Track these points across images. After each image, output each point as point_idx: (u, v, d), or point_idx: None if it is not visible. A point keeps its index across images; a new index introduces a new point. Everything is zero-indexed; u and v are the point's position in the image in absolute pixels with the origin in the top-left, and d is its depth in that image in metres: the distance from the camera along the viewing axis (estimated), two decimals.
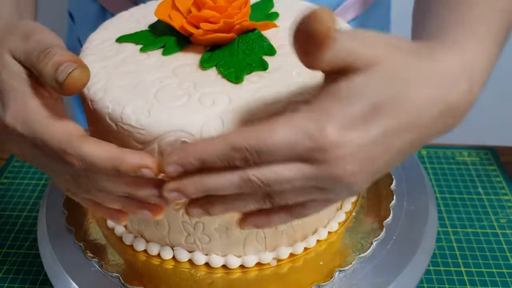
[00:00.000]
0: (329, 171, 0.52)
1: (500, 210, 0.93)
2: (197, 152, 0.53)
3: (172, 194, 0.55)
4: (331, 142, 0.51)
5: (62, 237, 0.75)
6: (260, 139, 0.51)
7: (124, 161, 0.55)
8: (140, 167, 0.55)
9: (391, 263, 0.70)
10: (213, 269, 0.69)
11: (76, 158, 0.56)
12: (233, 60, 0.66)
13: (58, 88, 0.56)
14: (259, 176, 0.53)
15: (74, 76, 0.55)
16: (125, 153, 0.55)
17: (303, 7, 0.77)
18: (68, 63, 0.56)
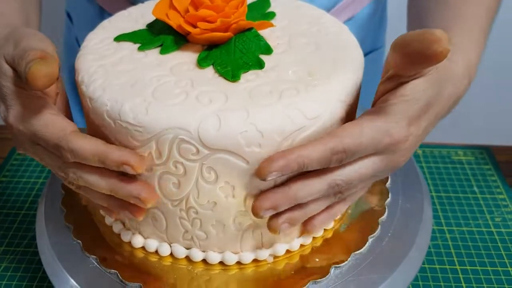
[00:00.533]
0: (395, 160, 0.65)
1: (495, 209, 0.93)
2: (300, 158, 0.59)
3: (268, 212, 0.62)
4: (402, 137, 0.62)
5: (61, 234, 0.75)
6: (355, 140, 0.60)
7: (108, 156, 0.61)
8: (123, 163, 0.60)
9: (386, 260, 0.71)
10: (210, 266, 0.70)
11: (68, 152, 0.61)
12: (230, 58, 0.67)
13: (27, 85, 0.60)
14: (345, 178, 0.63)
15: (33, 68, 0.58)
16: (110, 149, 0.61)
17: (300, 7, 0.78)
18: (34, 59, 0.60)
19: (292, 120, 0.60)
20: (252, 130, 0.59)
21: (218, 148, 0.60)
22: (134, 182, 0.63)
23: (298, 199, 0.62)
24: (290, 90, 0.62)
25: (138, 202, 0.63)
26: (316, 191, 0.62)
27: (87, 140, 0.61)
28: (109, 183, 0.63)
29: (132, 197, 0.63)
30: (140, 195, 0.62)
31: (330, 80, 0.64)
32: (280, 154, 0.59)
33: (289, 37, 0.72)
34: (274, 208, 0.62)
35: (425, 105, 0.63)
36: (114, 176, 0.63)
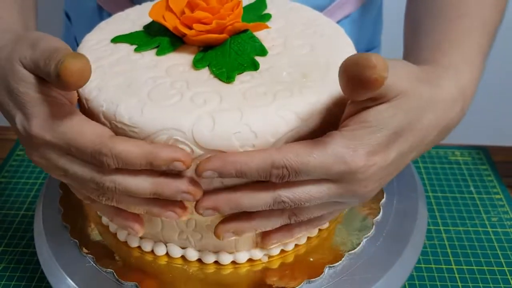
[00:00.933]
0: (353, 189, 0.60)
1: (492, 209, 0.94)
2: (238, 163, 0.58)
3: (207, 211, 0.61)
4: (360, 166, 0.58)
5: (58, 234, 0.76)
6: (300, 160, 0.57)
7: (157, 155, 0.58)
8: (173, 160, 0.58)
9: (380, 260, 0.71)
10: (205, 265, 0.70)
11: (111, 157, 0.58)
12: (225, 60, 0.67)
13: (59, 84, 0.57)
14: (291, 197, 0.60)
15: (67, 64, 0.55)
16: (158, 147, 0.58)
17: (296, 8, 0.78)
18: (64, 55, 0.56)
19: (285, 121, 0.61)
20: (246, 131, 0.60)
21: (212, 149, 0.60)
22: (180, 178, 0.61)
23: (240, 205, 0.61)
24: (284, 91, 0.63)
25: (187, 197, 0.61)
26: (261, 202, 0.60)
27: (131, 142, 0.59)
28: (155, 184, 0.60)
29: (181, 192, 0.60)
30: (189, 189, 0.60)
31: (324, 82, 0.65)
32: (219, 156, 0.58)
33: (285, 39, 0.72)
34: (214, 208, 0.61)
35: (392, 133, 0.59)
36: (157, 176, 0.60)
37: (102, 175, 0.60)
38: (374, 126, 0.58)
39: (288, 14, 0.78)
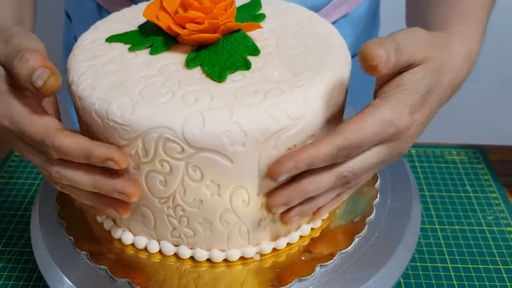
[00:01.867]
0: (400, 147, 0.67)
1: (488, 207, 0.94)
2: (307, 159, 0.61)
3: (281, 208, 0.65)
4: (405, 126, 0.65)
5: (54, 231, 0.76)
6: (358, 136, 0.62)
7: (93, 152, 0.61)
8: (106, 159, 0.62)
9: (372, 259, 0.71)
10: (198, 263, 0.70)
11: (53, 149, 0.62)
12: (217, 59, 0.68)
13: (34, 92, 0.63)
14: (351, 169, 0.65)
15: (50, 83, 0.62)
16: (95, 145, 0.62)
17: (290, 8, 0.78)
18: (42, 69, 0.62)
19: (275, 120, 0.61)
20: (236, 130, 0.60)
21: (203, 147, 0.61)
22: (118, 177, 0.64)
23: (308, 193, 0.64)
24: (275, 90, 0.63)
25: (123, 196, 0.64)
26: (325, 184, 0.64)
27: (72, 137, 0.62)
28: (93, 179, 0.64)
29: (116, 191, 0.64)
30: (124, 189, 0.63)
31: (315, 81, 0.65)
32: (288, 156, 0.62)
33: (277, 39, 0.73)
34: (286, 204, 0.65)
35: (426, 93, 0.65)
36: (97, 172, 0.64)
37: (49, 164, 0.65)
38: (409, 88, 0.64)
39: (282, 14, 0.79)
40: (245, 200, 0.66)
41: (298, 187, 0.64)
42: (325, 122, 0.66)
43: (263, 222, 0.69)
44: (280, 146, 0.63)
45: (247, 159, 0.62)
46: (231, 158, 0.62)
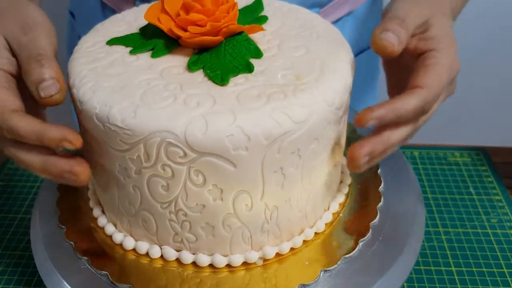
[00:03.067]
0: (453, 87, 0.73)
1: (491, 210, 0.93)
2: (397, 110, 0.65)
3: (365, 159, 0.67)
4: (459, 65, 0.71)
5: (54, 235, 0.76)
6: (439, 86, 0.67)
7: (46, 134, 0.62)
8: (61, 139, 0.62)
9: (376, 264, 0.71)
10: (200, 268, 0.70)
11: (6, 130, 0.63)
12: (220, 62, 0.67)
13: (37, 97, 0.64)
14: (425, 118, 0.70)
15: (54, 98, 0.64)
16: (48, 127, 0.62)
17: (293, 10, 0.78)
18: (53, 81, 0.64)
19: (279, 124, 0.61)
20: (239, 134, 0.60)
21: (205, 151, 0.60)
22: (67, 158, 0.65)
23: (390, 143, 0.68)
24: (278, 94, 0.63)
25: (71, 177, 0.64)
26: (405, 134, 0.69)
27: (25, 119, 0.62)
28: (43, 161, 0.64)
29: (65, 172, 0.64)
30: (72, 169, 0.64)
31: (318, 84, 0.65)
32: (379, 105, 0.65)
33: (280, 41, 0.72)
34: (371, 154, 0.66)
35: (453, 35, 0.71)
36: (47, 154, 0.64)
37: (2, 142, 0.66)
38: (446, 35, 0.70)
39: (285, 16, 0.78)
40: (248, 204, 0.65)
41: (383, 138, 0.67)
42: (329, 125, 0.65)
43: (266, 227, 0.68)
44: (283, 150, 0.63)
45: (250, 163, 0.62)
46: (234, 162, 0.61)
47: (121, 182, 0.67)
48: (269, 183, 0.64)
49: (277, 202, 0.67)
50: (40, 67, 0.64)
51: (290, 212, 0.69)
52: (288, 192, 0.67)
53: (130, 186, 0.67)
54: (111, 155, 0.65)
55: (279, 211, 0.68)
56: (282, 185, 0.66)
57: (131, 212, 0.70)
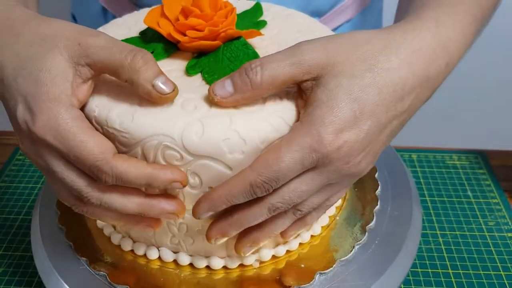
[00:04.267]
0: (336, 169, 0.59)
1: (489, 213, 0.94)
2: (223, 197, 0.60)
3: (218, 239, 0.64)
4: (331, 147, 0.57)
5: (54, 236, 0.77)
6: (272, 169, 0.57)
7: (157, 177, 0.60)
8: (172, 181, 0.60)
9: (372, 267, 0.71)
10: (197, 270, 0.71)
11: (111, 176, 0.59)
12: (217, 66, 0.68)
13: (153, 94, 0.61)
14: (283, 200, 0.60)
15: (173, 95, 0.61)
16: (157, 169, 0.60)
17: (292, 15, 0.78)
18: (165, 77, 0.61)
19: (275, 128, 0.61)
20: (235, 137, 0.60)
21: (202, 155, 0.61)
22: (167, 199, 0.63)
23: (243, 225, 0.63)
24: (274, 98, 0.63)
25: (172, 216, 0.64)
26: (257, 216, 0.62)
27: (133, 163, 0.60)
28: (142, 204, 0.62)
29: (166, 213, 0.63)
30: (174, 209, 0.63)
31: None
32: (205, 196, 0.61)
33: (278, 46, 0.72)
34: (223, 235, 0.64)
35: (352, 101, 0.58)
36: (142, 196, 0.62)
37: (90, 190, 0.61)
38: (327, 102, 0.58)
39: (283, 21, 0.78)
40: None
41: (231, 220, 0.63)
42: None
43: None
44: None
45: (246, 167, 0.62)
46: (230, 165, 0.62)
47: None
48: None
49: None
50: (148, 62, 0.60)
51: None
52: None
53: None
54: None
55: None
56: None
57: None
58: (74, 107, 0.60)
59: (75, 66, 0.60)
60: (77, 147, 0.58)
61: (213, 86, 0.61)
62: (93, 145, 0.58)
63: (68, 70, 0.60)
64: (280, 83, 0.60)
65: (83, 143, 0.58)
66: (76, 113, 0.60)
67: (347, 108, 0.58)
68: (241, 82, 0.60)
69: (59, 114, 0.58)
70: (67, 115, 0.59)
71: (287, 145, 0.58)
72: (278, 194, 0.60)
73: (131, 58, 0.60)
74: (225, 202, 0.60)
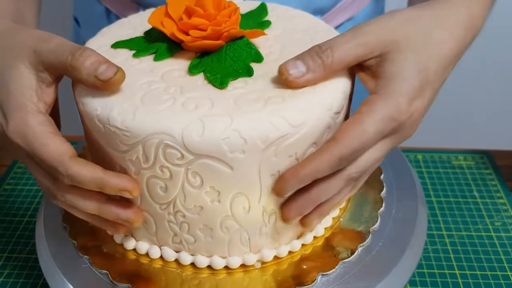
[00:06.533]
0: (404, 135, 0.66)
1: (495, 213, 0.93)
2: (311, 172, 0.62)
3: (296, 219, 0.67)
4: (406, 115, 0.63)
5: (58, 235, 0.77)
6: (359, 141, 0.62)
7: (107, 183, 0.62)
8: (121, 189, 0.63)
9: (375, 269, 0.71)
10: (199, 269, 0.71)
11: (66, 176, 0.62)
12: (220, 66, 0.68)
13: (99, 84, 0.63)
14: (359, 169, 0.65)
15: (118, 77, 0.63)
16: (109, 175, 0.63)
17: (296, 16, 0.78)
18: (107, 64, 0.63)
19: (276, 127, 0.61)
20: (235, 137, 0.60)
21: (202, 154, 0.61)
22: (123, 206, 0.66)
23: (320, 201, 0.65)
24: (276, 97, 0.63)
25: (126, 223, 0.67)
26: (335, 189, 0.65)
27: (86, 167, 0.63)
28: (100, 207, 0.65)
29: (120, 219, 0.66)
30: (128, 217, 0.66)
31: (317, 88, 0.65)
32: (291, 173, 0.63)
33: (282, 46, 0.73)
34: (300, 214, 0.66)
35: (418, 73, 0.65)
36: (103, 200, 0.66)
37: (56, 188, 0.66)
38: (398, 74, 0.64)
39: (288, 21, 0.79)
40: (245, 207, 0.66)
41: (309, 197, 0.65)
42: (327, 129, 0.66)
43: (264, 229, 0.69)
44: (280, 153, 0.63)
45: (247, 166, 0.62)
46: (231, 165, 0.62)
47: None
48: (266, 186, 0.65)
49: (275, 205, 0.67)
50: (87, 56, 0.63)
51: None
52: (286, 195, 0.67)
53: None
54: (111, 156, 0.66)
55: (278, 215, 0.68)
56: None
57: None
58: (40, 113, 0.65)
59: (36, 73, 0.66)
60: (39, 150, 0.63)
61: (286, 66, 0.64)
62: (52, 148, 0.63)
63: (31, 78, 0.66)
64: (347, 63, 0.65)
65: (44, 146, 0.63)
66: (41, 118, 0.65)
67: (415, 79, 0.64)
68: (313, 63, 0.64)
69: (26, 121, 0.64)
70: (33, 121, 0.64)
71: (370, 117, 0.62)
72: (356, 163, 0.64)
73: (71, 58, 0.63)
74: (311, 178, 0.62)
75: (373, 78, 0.66)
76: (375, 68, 0.65)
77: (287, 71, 0.64)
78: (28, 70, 0.65)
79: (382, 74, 0.64)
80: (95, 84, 0.63)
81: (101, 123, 0.64)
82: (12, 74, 0.66)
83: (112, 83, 0.63)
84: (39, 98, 0.66)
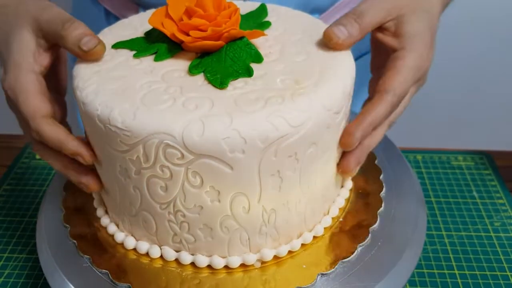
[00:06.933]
0: (424, 79, 0.77)
1: (495, 213, 0.93)
2: (372, 123, 0.70)
3: (356, 168, 0.75)
4: (428, 63, 0.75)
5: (59, 234, 0.77)
6: (404, 88, 0.71)
7: (65, 146, 0.69)
8: (75, 153, 0.69)
9: (374, 269, 0.71)
10: (199, 269, 0.71)
11: (35, 132, 0.70)
12: (220, 66, 0.68)
13: (81, 54, 0.70)
14: (397, 115, 0.76)
15: (98, 48, 0.70)
16: (68, 139, 0.69)
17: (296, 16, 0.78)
18: (90, 36, 0.70)
19: (275, 128, 0.61)
20: (235, 136, 0.60)
21: (202, 153, 0.61)
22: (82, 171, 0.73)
23: (371, 147, 0.74)
24: (276, 98, 0.63)
25: (83, 186, 0.74)
26: (381, 135, 0.75)
27: (53, 126, 0.69)
28: (64, 166, 0.73)
29: (78, 182, 0.74)
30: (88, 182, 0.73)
31: (316, 88, 0.65)
32: (356, 125, 0.70)
33: (281, 46, 0.73)
34: (359, 164, 0.74)
35: (429, 29, 0.75)
36: (66, 162, 0.73)
37: (34, 141, 0.73)
38: (417, 31, 0.73)
39: (288, 22, 0.79)
40: (245, 207, 0.66)
41: (364, 147, 0.73)
42: (327, 129, 0.66)
43: (264, 229, 0.69)
44: (280, 153, 0.63)
45: (247, 166, 0.62)
46: (231, 164, 0.62)
47: (122, 182, 0.68)
48: (266, 186, 0.65)
49: (275, 205, 0.67)
50: (75, 28, 0.70)
51: (288, 215, 0.70)
52: (286, 195, 0.68)
53: (130, 186, 0.68)
54: (112, 156, 0.66)
55: (277, 214, 0.68)
56: (279, 188, 0.66)
57: (132, 212, 0.71)
58: (33, 72, 0.71)
59: (36, 38, 0.72)
60: (20, 103, 0.70)
61: (333, 30, 0.71)
62: (31, 103, 0.70)
63: (31, 42, 0.72)
64: (374, 26, 0.74)
65: (24, 101, 0.70)
66: (32, 77, 0.71)
67: (429, 34, 0.75)
68: (351, 28, 0.72)
69: (18, 77, 0.71)
70: (23, 78, 0.70)
71: (406, 68, 0.71)
72: (397, 109, 0.74)
73: (61, 28, 0.70)
74: (372, 127, 0.71)
75: (394, 37, 0.74)
76: (394, 28, 0.74)
77: (336, 35, 0.71)
78: (30, 35, 0.72)
79: (402, 33, 0.73)
80: (79, 54, 0.70)
81: (102, 123, 0.64)
82: (17, 37, 0.72)
83: (92, 53, 0.70)
84: (35, 59, 0.72)
